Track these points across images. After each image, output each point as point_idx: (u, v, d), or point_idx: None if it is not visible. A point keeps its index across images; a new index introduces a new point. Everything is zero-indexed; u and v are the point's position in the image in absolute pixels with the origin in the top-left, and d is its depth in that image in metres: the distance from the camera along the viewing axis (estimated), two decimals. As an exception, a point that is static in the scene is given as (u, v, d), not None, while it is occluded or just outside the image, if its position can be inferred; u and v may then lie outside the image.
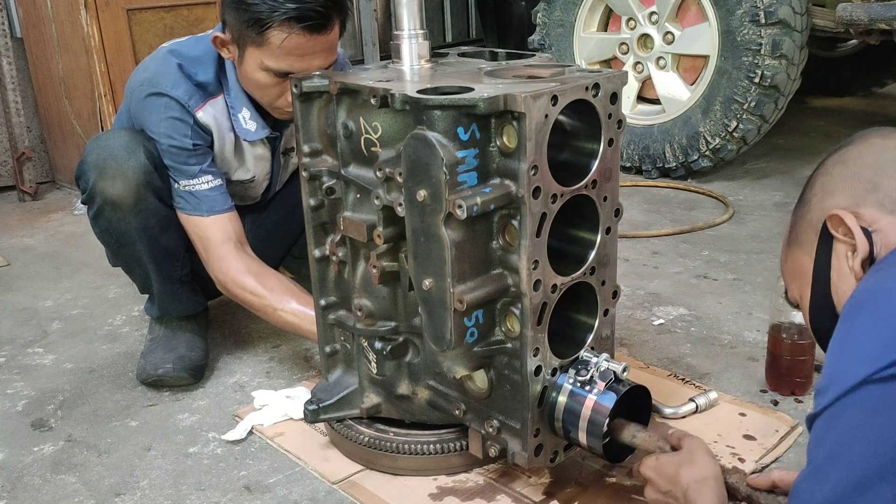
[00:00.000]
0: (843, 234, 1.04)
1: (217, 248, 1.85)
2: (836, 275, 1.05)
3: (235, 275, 1.82)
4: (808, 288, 1.11)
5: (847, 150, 1.09)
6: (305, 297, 1.79)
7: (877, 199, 1.03)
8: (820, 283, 1.08)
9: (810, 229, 1.09)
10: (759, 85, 3.16)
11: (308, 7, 1.62)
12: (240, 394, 1.91)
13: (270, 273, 1.85)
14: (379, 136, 1.38)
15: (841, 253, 1.05)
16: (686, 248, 2.70)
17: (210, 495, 1.55)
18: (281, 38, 1.64)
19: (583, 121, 1.34)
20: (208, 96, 1.84)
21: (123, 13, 3.31)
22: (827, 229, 1.06)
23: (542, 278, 1.29)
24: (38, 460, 1.69)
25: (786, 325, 1.75)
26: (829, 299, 1.07)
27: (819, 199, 1.09)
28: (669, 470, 1.25)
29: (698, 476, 1.21)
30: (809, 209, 1.10)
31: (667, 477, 1.25)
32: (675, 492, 1.23)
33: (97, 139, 1.88)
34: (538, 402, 1.35)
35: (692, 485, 1.20)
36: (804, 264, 1.11)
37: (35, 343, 2.26)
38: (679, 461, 1.25)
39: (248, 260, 1.85)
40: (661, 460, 1.28)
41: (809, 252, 1.10)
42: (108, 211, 1.83)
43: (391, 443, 1.55)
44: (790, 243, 1.15)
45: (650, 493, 1.29)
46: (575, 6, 3.66)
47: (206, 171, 1.85)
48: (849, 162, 1.07)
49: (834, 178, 1.08)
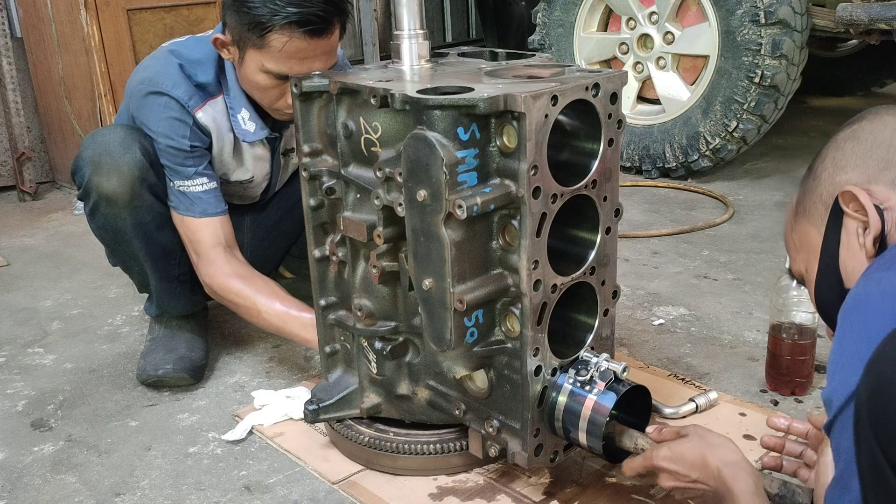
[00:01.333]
0: (855, 210, 1.04)
1: (207, 251, 1.85)
2: (846, 250, 1.06)
3: (222, 278, 1.83)
4: (814, 261, 1.11)
5: (860, 127, 1.09)
6: (291, 300, 1.79)
7: (889, 178, 1.03)
8: (828, 257, 1.08)
9: (820, 203, 1.09)
10: (759, 85, 3.16)
11: (309, 11, 1.62)
12: (240, 394, 1.91)
13: (257, 276, 1.85)
14: (379, 136, 1.38)
15: (851, 229, 1.05)
16: (686, 248, 2.70)
17: (210, 495, 1.55)
18: (282, 41, 1.65)
19: (583, 121, 1.34)
20: (208, 97, 1.84)
21: (123, 13, 3.31)
22: (838, 204, 1.06)
23: (542, 278, 1.29)
24: (38, 460, 1.69)
25: (786, 325, 1.75)
26: (836, 273, 1.07)
27: (830, 173, 1.09)
28: (692, 457, 1.23)
29: (728, 459, 1.20)
30: (819, 183, 1.10)
31: (690, 464, 1.23)
32: (704, 478, 1.21)
33: (94, 135, 1.88)
34: (538, 402, 1.35)
35: (724, 468, 1.19)
36: (811, 237, 1.11)
37: (35, 343, 2.26)
38: (700, 446, 1.24)
39: (237, 264, 1.86)
40: (677, 448, 1.26)
41: (818, 225, 1.10)
42: (104, 206, 1.84)
43: (391, 443, 1.55)
44: (797, 215, 1.15)
45: (668, 482, 1.27)
46: (575, 6, 3.66)
47: (201, 174, 1.85)
48: (861, 138, 1.07)
49: (846, 154, 1.08)
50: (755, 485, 1.17)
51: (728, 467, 1.19)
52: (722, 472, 1.19)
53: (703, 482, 1.22)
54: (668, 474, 1.27)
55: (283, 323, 1.78)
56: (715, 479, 1.20)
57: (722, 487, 1.20)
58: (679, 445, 1.27)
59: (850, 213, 1.05)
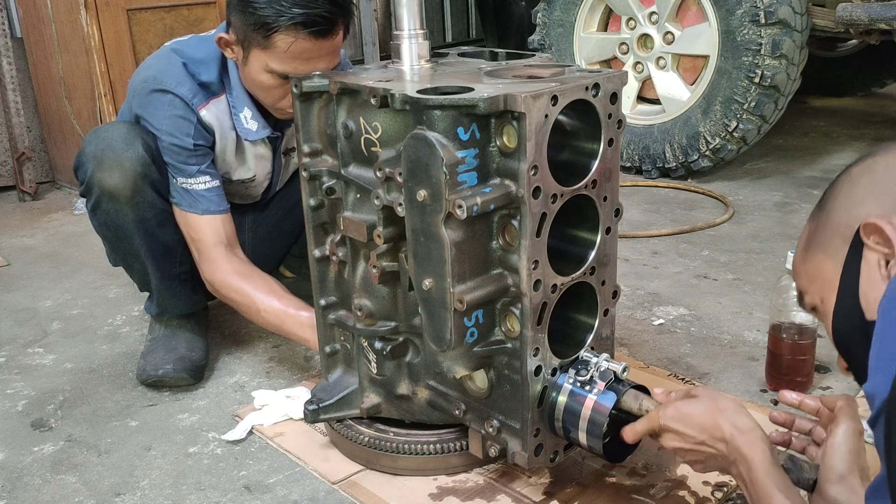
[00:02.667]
0: (876, 243, 1.04)
1: (209, 249, 1.85)
2: (866, 282, 1.05)
3: (223, 276, 1.84)
4: (830, 293, 1.10)
5: (874, 161, 1.09)
6: (290, 298, 1.79)
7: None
8: (847, 289, 1.07)
9: (837, 236, 1.09)
10: (759, 85, 3.16)
11: (315, 13, 1.63)
12: (240, 394, 1.91)
13: (257, 274, 1.86)
14: (379, 136, 1.38)
15: (872, 261, 1.04)
16: (686, 248, 2.70)
17: (210, 495, 1.55)
18: (287, 42, 1.65)
19: (583, 121, 1.34)
20: (211, 95, 1.85)
21: (123, 13, 3.31)
22: (858, 237, 1.05)
23: (542, 278, 1.29)
24: (38, 460, 1.69)
25: (786, 325, 1.76)
26: (856, 305, 1.06)
27: (846, 207, 1.08)
28: (702, 419, 1.21)
29: (743, 425, 1.18)
30: (835, 216, 1.10)
31: (699, 426, 1.21)
32: (712, 441, 1.19)
33: (96, 131, 1.88)
34: (538, 402, 1.35)
35: (738, 434, 1.17)
36: (827, 270, 1.10)
37: (35, 343, 2.26)
38: (711, 409, 1.21)
39: (237, 262, 1.87)
40: (686, 409, 1.24)
41: (834, 258, 1.09)
42: (106, 202, 1.84)
43: (391, 443, 1.55)
44: (810, 248, 1.14)
45: (673, 442, 1.25)
46: (575, 6, 3.66)
47: (204, 172, 1.85)
48: (877, 172, 1.07)
49: (861, 188, 1.08)
50: (773, 455, 1.15)
51: (743, 434, 1.17)
52: (736, 438, 1.16)
53: (711, 445, 1.20)
54: (675, 435, 1.24)
55: (280, 321, 1.78)
56: (726, 445, 1.18)
57: (735, 454, 1.17)
58: (688, 406, 1.24)
59: (870, 246, 1.04)
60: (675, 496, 1.46)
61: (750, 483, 1.15)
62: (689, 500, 1.45)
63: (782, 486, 1.12)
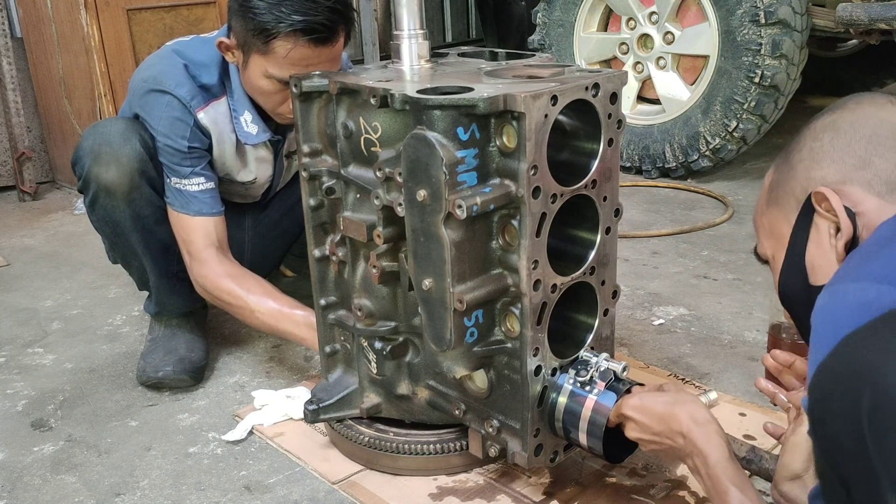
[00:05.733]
0: (826, 210, 1.02)
1: (200, 251, 1.85)
2: (814, 247, 1.05)
3: (214, 278, 1.83)
4: (781, 250, 1.10)
5: (840, 117, 1.06)
6: (283, 298, 1.79)
7: (865, 179, 1.01)
8: (795, 251, 1.07)
9: (792, 197, 1.08)
10: (759, 85, 3.16)
11: (314, 20, 1.62)
12: (240, 394, 1.91)
13: (249, 276, 1.85)
14: (379, 136, 1.38)
15: (822, 228, 1.03)
16: (686, 248, 2.70)
17: (210, 495, 1.55)
18: (286, 48, 1.65)
19: (583, 121, 1.34)
20: (211, 98, 1.84)
21: (123, 13, 3.31)
22: (810, 202, 1.04)
23: (541, 278, 1.29)
24: (38, 460, 1.69)
25: (786, 325, 1.75)
26: (801, 267, 1.06)
27: (805, 166, 1.06)
28: (660, 410, 1.22)
29: (699, 417, 1.18)
30: (794, 175, 1.08)
31: (657, 417, 1.22)
32: (668, 433, 1.20)
33: (94, 127, 1.89)
34: (538, 402, 1.35)
35: (694, 427, 1.17)
36: (781, 227, 1.10)
37: (35, 343, 2.26)
38: (670, 401, 1.23)
39: (228, 264, 1.86)
40: (647, 400, 1.25)
41: (788, 218, 1.08)
42: (103, 198, 1.84)
43: (391, 443, 1.55)
44: (769, 202, 1.13)
45: (634, 432, 1.27)
46: (575, 6, 3.66)
47: (198, 174, 1.84)
48: (841, 130, 1.04)
49: (824, 147, 1.05)
50: (728, 449, 1.16)
51: (700, 427, 1.17)
52: (693, 431, 1.17)
53: (669, 437, 1.21)
54: (635, 424, 1.26)
55: (275, 321, 1.78)
56: (682, 437, 1.18)
57: (691, 447, 1.18)
58: (650, 398, 1.25)
59: (821, 213, 1.03)
60: (675, 496, 1.46)
61: (706, 476, 1.16)
62: (688, 500, 1.45)
63: (737, 479, 1.12)
